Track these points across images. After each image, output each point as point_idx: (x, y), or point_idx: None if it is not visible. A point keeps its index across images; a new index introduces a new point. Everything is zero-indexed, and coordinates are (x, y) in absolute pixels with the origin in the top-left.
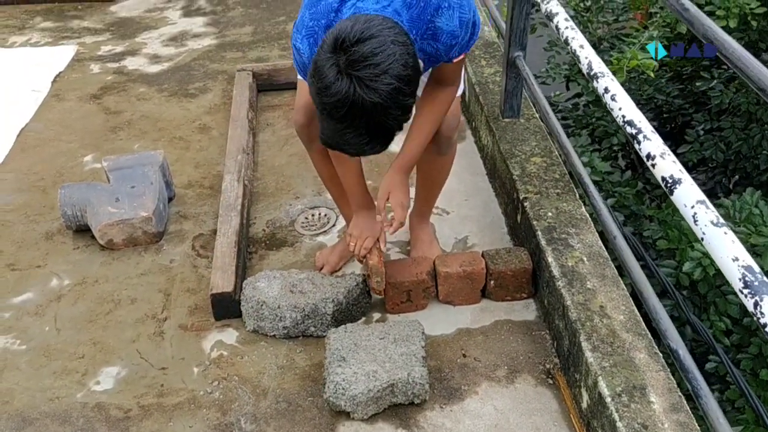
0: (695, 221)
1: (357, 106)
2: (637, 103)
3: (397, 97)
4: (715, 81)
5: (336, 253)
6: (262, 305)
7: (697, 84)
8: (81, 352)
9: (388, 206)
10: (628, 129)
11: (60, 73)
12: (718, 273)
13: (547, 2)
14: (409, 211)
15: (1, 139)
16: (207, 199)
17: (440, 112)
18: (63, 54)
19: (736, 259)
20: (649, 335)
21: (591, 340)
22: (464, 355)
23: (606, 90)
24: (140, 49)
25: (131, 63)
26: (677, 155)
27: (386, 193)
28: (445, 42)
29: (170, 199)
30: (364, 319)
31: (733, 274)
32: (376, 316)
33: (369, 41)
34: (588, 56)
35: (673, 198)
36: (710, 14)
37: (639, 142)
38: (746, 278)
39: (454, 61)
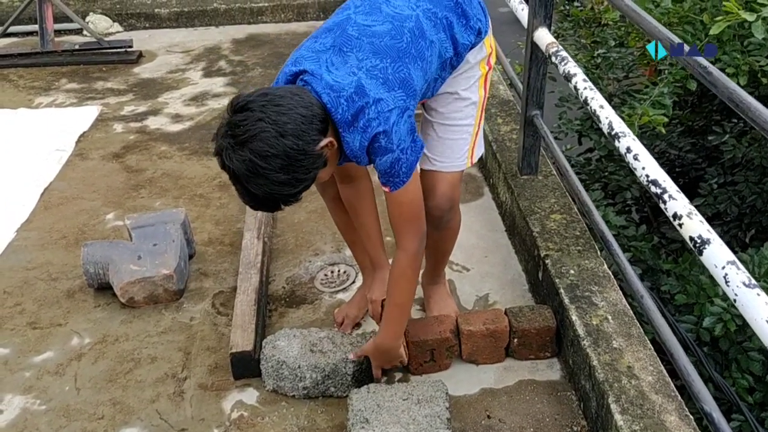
0: (727, 282)
1: (226, 167)
2: None
3: (256, 170)
4: (728, 135)
5: (354, 307)
6: (281, 365)
7: (710, 138)
8: (101, 413)
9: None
10: (653, 189)
11: (84, 132)
12: (740, 329)
13: (565, 63)
14: (422, 271)
15: (25, 198)
16: (227, 256)
17: (405, 287)
18: (87, 114)
19: None
20: (679, 397)
21: (620, 402)
22: (489, 417)
23: (628, 150)
24: (162, 108)
25: (153, 122)
26: None
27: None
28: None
29: (191, 257)
30: (385, 378)
31: None
32: (398, 375)
33: (243, 113)
34: (608, 116)
35: (702, 258)
36: (720, 71)
37: (665, 202)
38: None
39: (385, 191)
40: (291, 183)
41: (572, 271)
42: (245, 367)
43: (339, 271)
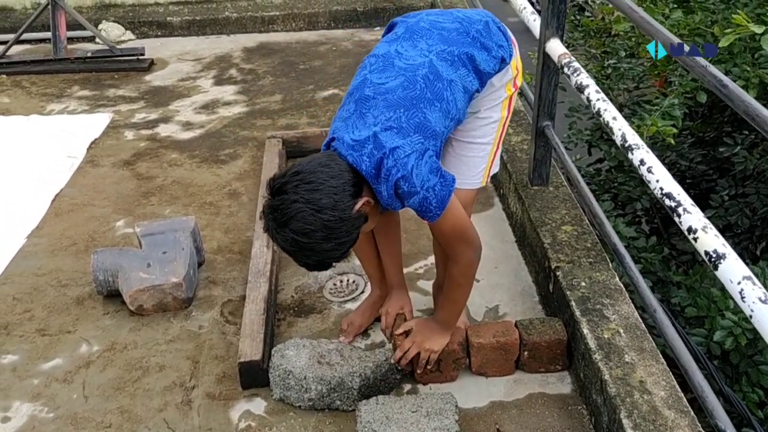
0: (743, 298)
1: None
2: None
3: (301, 245)
4: (739, 147)
5: (360, 315)
6: (288, 374)
7: (721, 149)
8: (108, 421)
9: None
10: (667, 202)
11: (95, 139)
12: (751, 343)
13: (578, 75)
14: (433, 281)
15: (36, 204)
16: (236, 265)
17: (457, 290)
18: (99, 121)
19: None
20: (692, 413)
21: (632, 417)
22: (498, 430)
23: (642, 162)
24: (173, 116)
25: (164, 130)
26: None
27: (412, 339)
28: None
29: (200, 265)
30: (394, 390)
31: None
32: (407, 387)
33: (280, 196)
34: (621, 128)
35: (717, 273)
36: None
37: (679, 216)
38: None
39: (427, 221)
40: (336, 248)
41: (583, 284)
42: (253, 377)
43: (348, 280)
